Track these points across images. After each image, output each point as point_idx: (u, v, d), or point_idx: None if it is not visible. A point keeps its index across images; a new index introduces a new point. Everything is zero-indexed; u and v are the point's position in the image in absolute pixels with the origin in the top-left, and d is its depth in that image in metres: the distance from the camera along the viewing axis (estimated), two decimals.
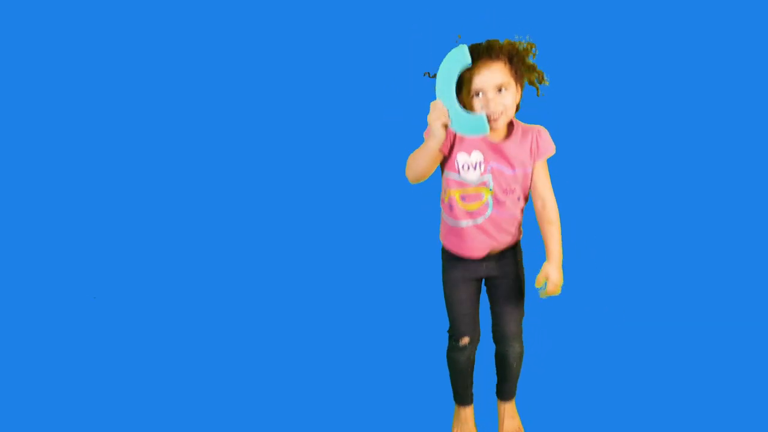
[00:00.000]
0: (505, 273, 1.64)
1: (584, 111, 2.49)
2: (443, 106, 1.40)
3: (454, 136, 1.53)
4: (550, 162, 1.59)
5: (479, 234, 1.58)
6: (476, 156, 1.53)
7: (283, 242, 2.60)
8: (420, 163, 1.48)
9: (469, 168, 1.53)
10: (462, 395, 1.78)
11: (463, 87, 1.48)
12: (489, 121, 1.46)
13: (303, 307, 2.37)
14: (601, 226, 2.49)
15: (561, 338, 2.15)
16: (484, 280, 1.67)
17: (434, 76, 1.43)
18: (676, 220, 2.51)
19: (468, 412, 1.80)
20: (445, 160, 1.56)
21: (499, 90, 1.46)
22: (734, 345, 2.11)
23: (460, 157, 1.53)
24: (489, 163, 1.53)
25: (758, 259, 2.42)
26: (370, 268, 2.48)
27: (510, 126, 1.55)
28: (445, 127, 1.41)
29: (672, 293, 2.34)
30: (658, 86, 2.53)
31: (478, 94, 1.47)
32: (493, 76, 1.45)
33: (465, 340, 1.67)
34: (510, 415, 1.79)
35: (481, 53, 1.45)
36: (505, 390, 1.78)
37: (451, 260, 1.65)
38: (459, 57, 1.40)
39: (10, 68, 2.64)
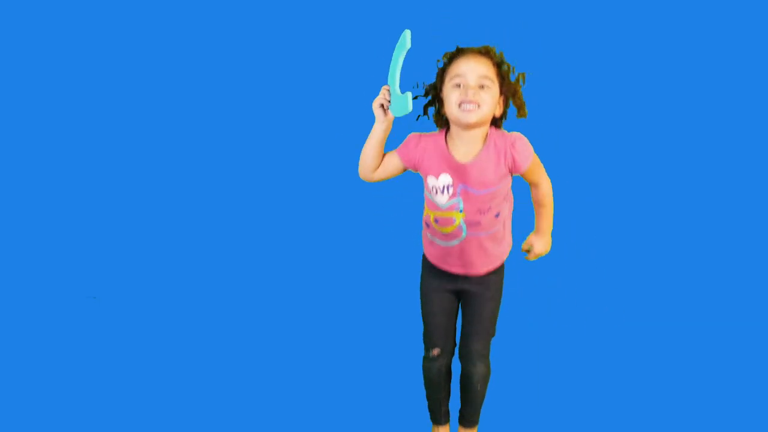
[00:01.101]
0: (482, 291, 1.58)
1: (579, 110, 2.49)
2: (386, 90, 1.44)
3: (420, 154, 1.49)
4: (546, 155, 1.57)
5: (454, 256, 1.54)
6: (444, 179, 1.47)
7: (260, 240, 2.58)
8: (365, 150, 1.49)
9: (437, 192, 1.48)
10: (435, 412, 1.71)
11: (445, 77, 1.45)
12: (463, 112, 1.41)
13: (285, 304, 2.37)
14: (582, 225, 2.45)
15: (531, 362, 2.08)
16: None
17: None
18: (659, 220, 2.50)
19: None
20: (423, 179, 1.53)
21: (481, 87, 1.41)
22: (720, 344, 2.13)
23: (429, 180, 1.49)
24: (458, 185, 1.47)
25: (745, 256, 2.43)
26: (351, 270, 2.47)
27: (483, 140, 1.48)
28: (382, 107, 1.44)
29: (650, 299, 2.35)
30: (651, 83, 2.52)
31: (459, 85, 1.42)
32: (478, 67, 1.42)
33: (435, 351, 1.63)
34: None
35: (472, 50, 1.45)
36: (466, 415, 1.69)
37: (429, 268, 1.62)
38: (403, 42, 1.42)
39: (10, 68, 2.63)
